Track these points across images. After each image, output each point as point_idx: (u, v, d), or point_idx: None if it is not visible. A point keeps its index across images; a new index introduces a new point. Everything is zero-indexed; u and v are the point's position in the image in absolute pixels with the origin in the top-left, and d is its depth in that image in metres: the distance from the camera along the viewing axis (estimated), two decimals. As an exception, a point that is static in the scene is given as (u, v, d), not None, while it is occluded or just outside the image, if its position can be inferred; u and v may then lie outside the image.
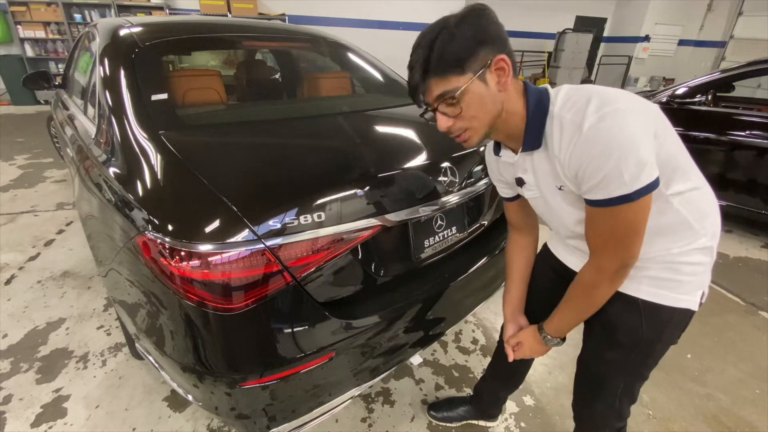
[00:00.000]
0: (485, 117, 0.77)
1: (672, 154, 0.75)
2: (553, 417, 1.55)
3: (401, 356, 1.29)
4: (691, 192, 0.79)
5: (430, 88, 0.75)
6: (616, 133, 0.66)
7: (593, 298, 0.84)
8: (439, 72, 0.72)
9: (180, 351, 1.01)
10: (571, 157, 0.72)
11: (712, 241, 0.83)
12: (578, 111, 0.70)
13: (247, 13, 7.03)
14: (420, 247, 1.25)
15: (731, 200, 2.98)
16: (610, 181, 0.68)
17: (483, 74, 0.72)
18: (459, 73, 0.72)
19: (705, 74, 3.14)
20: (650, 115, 0.72)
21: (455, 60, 0.71)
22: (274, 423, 1.08)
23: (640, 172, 0.67)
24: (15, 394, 1.55)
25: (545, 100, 0.76)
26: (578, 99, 0.72)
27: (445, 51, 0.71)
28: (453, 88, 0.73)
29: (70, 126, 1.87)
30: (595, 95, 0.70)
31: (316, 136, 1.42)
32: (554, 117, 0.75)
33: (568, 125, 0.72)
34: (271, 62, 2.72)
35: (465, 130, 0.79)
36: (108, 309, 2.03)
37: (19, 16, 6.48)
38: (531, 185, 0.88)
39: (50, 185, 3.60)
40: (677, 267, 0.82)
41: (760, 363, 1.88)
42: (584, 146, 0.69)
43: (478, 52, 0.71)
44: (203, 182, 0.97)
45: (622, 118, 0.66)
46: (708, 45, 10.37)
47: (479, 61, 0.71)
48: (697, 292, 0.85)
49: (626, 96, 0.72)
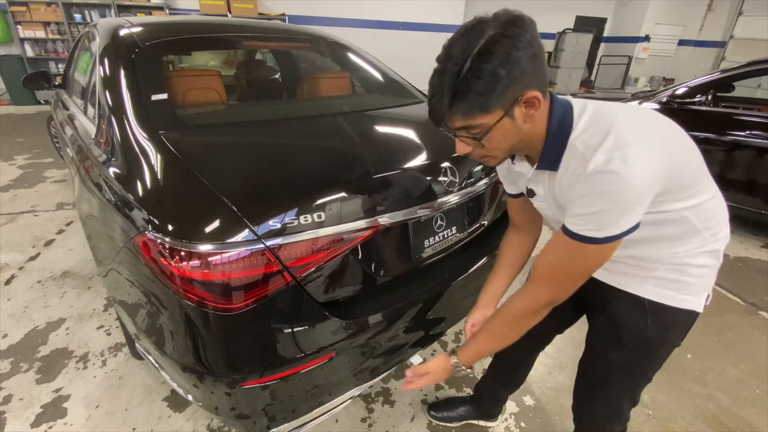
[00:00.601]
0: (506, 147, 0.75)
1: (685, 173, 0.74)
2: (553, 417, 1.55)
3: (401, 356, 1.29)
4: (705, 203, 0.79)
5: (453, 118, 0.70)
6: (615, 185, 0.64)
7: (517, 328, 0.87)
8: (462, 111, 0.67)
9: (180, 351, 1.01)
10: (566, 186, 0.73)
11: (719, 244, 0.83)
12: (590, 147, 0.68)
13: (247, 13, 7.03)
14: (420, 247, 1.25)
15: (731, 200, 2.95)
16: (588, 222, 0.69)
17: (511, 110, 0.68)
18: (484, 112, 0.67)
19: (705, 74, 3.14)
20: (663, 152, 0.68)
21: (482, 100, 0.65)
22: (274, 423, 1.08)
23: (620, 224, 0.68)
24: (15, 394, 1.55)
25: (568, 124, 0.73)
26: (596, 132, 0.68)
27: (472, 89, 0.64)
28: (477, 125, 0.69)
29: (70, 126, 1.87)
30: (613, 131, 0.66)
31: (316, 136, 1.42)
32: (570, 143, 0.72)
33: (578, 157, 0.70)
34: (271, 62, 2.72)
35: (483, 156, 0.78)
36: (108, 309, 2.03)
37: (19, 16, 6.48)
38: (541, 197, 0.87)
39: (50, 185, 3.60)
40: (684, 269, 0.82)
41: (760, 363, 1.88)
42: (582, 185, 0.68)
43: (508, 91, 0.65)
44: (203, 182, 0.97)
45: (627, 171, 0.63)
46: (708, 45, 10.38)
47: (508, 100, 0.66)
48: (702, 294, 0.86)
49: (646, 134, 0.68)
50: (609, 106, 0.73)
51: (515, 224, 1.10)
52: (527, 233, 1.08)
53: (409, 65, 6.74)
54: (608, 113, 0.71)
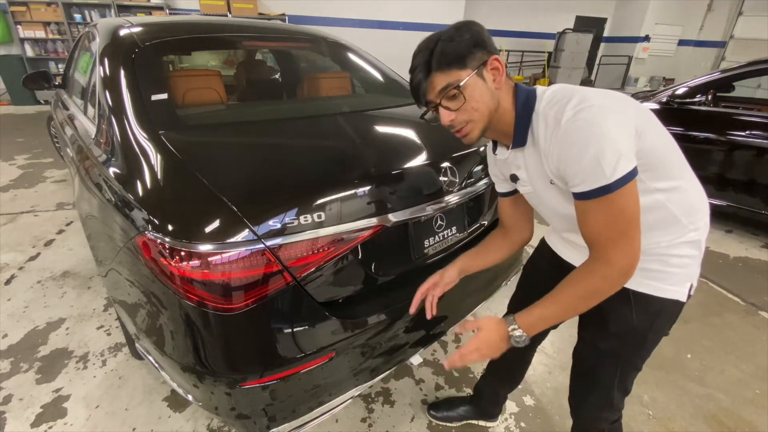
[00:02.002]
0: (485, 110, 0.81)
1: (658, 150, 0.79)
2: (553, 417, 1.55)
3: (401, 356, 1.28)
4: (679, 188, 0.82)
5: (433, 83, 0.80)
6: (591, 125, 0.70)
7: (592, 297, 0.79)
8: (442, 67, 0.78)
9: (180, 351, 1.01)
10: (552, 151, 0.77)
11: (700, 235, 0.86)
12: (560, 108, 0.75)
13: (247, 13, 7.03)
14: (420, 247, 1.25)
15: (731, 200, 2.97)
16: (589, 173, 0.71)
17: (480, 71, 0.79)
18: (460, 67, 0.78)
19: (705, 74, 3.14)
20: (630, 113, 0.75)
21: (456, 56, 0.77)
22: (274, 423, 1.08)
23: (616, 163, 0.69)
24: (15, 394, 1.55)
25: (532, 99, 0.82)
26: (561, 97, 0.76)
27: (447, 50, 0.77)
28: (455, 80, 0.78)
29: (70, 126, 1.87)
30: (577, 94, 0.74)
31: (316, 136, 1.42)
32: (539, 114, 0.79)
33: (550, 121, 0.76)
34: (271, 62, 2.72)
35: (467, 123, 0.83)
36: (108, 309, 2.03)
37: (19, 16, 6.49)
38: (525, 181, 0.91)
39: (50, 185, 3.61)
40: (666, 259, 0.85)
41: (760, 363, 1.88)
42: (562, 140, 0.74)
43: (476, 52, 0.78)
44: (203, 182, 0.97)
45: (597, 112, 0.70)
46: (708, 45, 10.38)
47: (477, 60, 0.78)
48: (685, 283, 0.88)
49: (608, 95, 0.75)
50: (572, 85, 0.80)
51: (504, 224, 1.12)
52: (515, 234, 1.10)
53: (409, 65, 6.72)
54: (571, 86, 0.79)
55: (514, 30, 9.82)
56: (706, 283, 2.52)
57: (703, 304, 2.31)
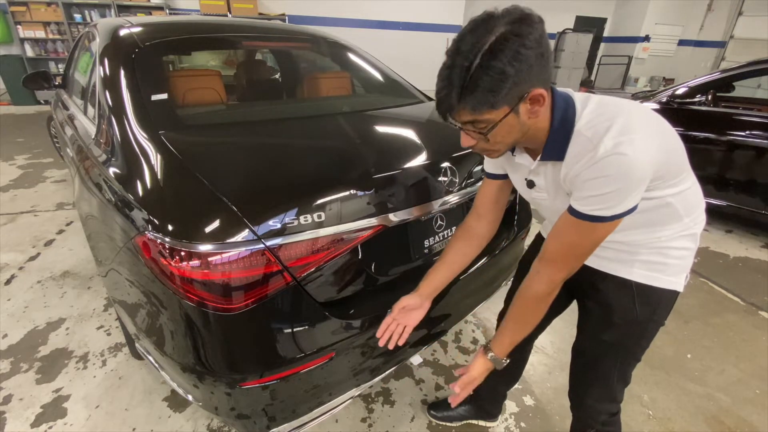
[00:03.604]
0: (510, 141, 0.77)
1: (678, 164, 0.81)
2: (553, 417, 1.55)
3: (401, 356, 1.28)
4: (687, 190, 0.86)
5: (461, 113, 0.71)
6: (623, 166, 0.69)
7: (539, 309, 0.89)
8: (472, 105, 0.68)
9: (180, 351, 1.01)
10: (578, 173, 0.74)
11: (697, 228, 0.91)
12: (597, 132, 0.71)
13: (247, 13, 7.03)
14: (420, 247, 1.25)
15: (731, 200, 2.97)
16: (597, 203, 0.73)
17: (517, 108, 0.69)
18: (492, 107, 0.68)
19: (705, 74, 3.14)
20: (661, 139, 0.76)
21: (491, 97, 0.66)
22: (274, 423, 1.08)
23: (625, 202, 0.72)
24: (15, 394, 1.55)
25: (571, 116, 0.75)
26: (603, 119, 0.72)
27: (480, 86, 0.65)
28: (483, 120, 0.70)
29: (70, 126, 1.87)
30: (618, 119, 0.70)
31: (316, 136, 1.42)
32: (575, 132, 0.75)
33: (585, 143, 0.73)
34: (271, 62, 2.72)
35: (486, 150, 0.80)
36: (108, 309, 2.03)
37: (19, 16, 6.48)
38: (541, 188, 0.90)
39: (50, 185, 3.60)
40: (666, 251, 0.89)
41: (760, 363, 1.88)
42: (591, 169, 0.71)
43: (516, 89, 0.66)
44: (203, 182, 0.97)
45: (634, 153, 0.68)
46: (708, 45, 10.38)
47: (515, 97, 0.67)
48: (681, 274, 0.92)
49: (647, 122, 0.74)
50: (611, 97, 0.79)
51: (478, 211, 1.06)
52: (486, 223, 1.05)
53: (409, 65, 6.72)
54: (611, 102, 0.76)
55: (514, 30, 9.80)
56: (706, 283, 2.52)
57: (703, 304, 2.31)
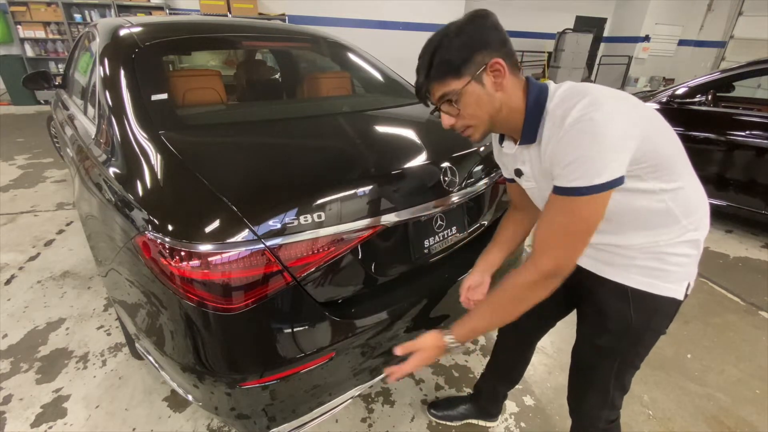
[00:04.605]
0: (484, 115, 0.82)
1: (663, 152, 0.78)
2: (553, 417, 1.55)
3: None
4: (681, 189, 0.83)
5: (431, 90, 0.82)
6: (591, 129, 0.69)
7: (519, 301, 0.84)
8: (438, 77, 0.79)
9: (180, 351, 1.01)
10: (549, 149, 0.77)
11: (699, 234, 0.87)
12: (567, 108, 0.73)
13: (247, 13, 7.03)
14: (420, 247, 1.25)
15: (731, 200, 2.97)
16: (573, 170, 0.71)
17: (479, 77, 0.78)
18: (455, 77, 0.78)
19: (705, 74, 3.14)
20: (638, 118, 0.74)
21: (451, 66, 0.77)
22: (274, 423, 1.08)
23: (604, 168, 0.69)
24: (15, 394, 1.55)
25: (543, 97, 0.80)
26: (572, 96, 0.74)
27: (444, 58, 0.78)
28: (451, 91, 0.79)
29: (70, 126, 1.87)
30: (588, 95, 0.72)
31: (316, 136, 1.42)
32: (548, 113, 0.78)
33: (556, 120, 0.75)
34: (271, 62, 2.72)
35: (467, 127, 0.85)
36: (108, 309, 2.03)
37: (19, 16, 6.48)
38: (528, 176, 0.91)
39: (50, 185, 3.60)
40: (664, 257, 0.86)
41: (760, 363, 1.88)
42: (560, 139, 0.73)
43: (474, 57, 0.76)
44: (203, 182, 0.97)
45: (602, 117, 0.69)
46: (708, 45, 10.37)
47: (475, 65, 0.77)
48: (683, 282, 0.89)
49: (618, 97, 0.74)
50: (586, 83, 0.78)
51: (515, 205, 1.14)
52: (527, 212, 1.10)
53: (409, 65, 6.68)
54: (584, 86, 0.77)
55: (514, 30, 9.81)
56: (706, 283, 2.52)
57: (703, 304, 2.31)
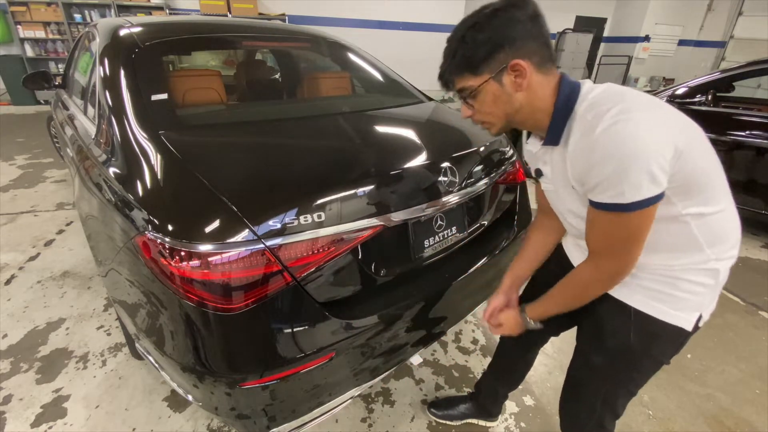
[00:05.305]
0: (500, 114, 0.81)
1: (699, 174, 0.72)
2: (553, 417, 1.55)
3: (401, 356, 1.28)
4: (711, 216, 0.76)
5: (452, 80, 0.81)
6: (623, 140, 0.65)
7: (584, 294, 0.86)
8: (457, 71, 0.78)
9: (180, 351, 1.00)
10: (577, 157, 0.73)
11: (722, 264, 0.80)
12: (598, 114, 0.69)
13: (247, 13, 7.03)
14: (420, 247, 1.25)
15: (731, 200, 2.97)
16: (608, 188, 0.68)
17: (499, 76, 0.75)
18: (473, 74, 0.76)
19: (705, 74, 3.14)
20: (675, 130, 0.69)
21: (471, 62, 0.76)
22: (274, 423, 1.08)
23: (640, 184, 0.65)
24: (15, 394, 1.55)
25: (573, 99, 0.76)
26: (605, 101, 0.70)
27: (465, 53, 0.75)
28: (468, 87, 0.78)
29: (70, 126, 1.87)
30: (623, 102, 0.68)
31: (316, 136, 1.42)
32: (577, 116, 0.74)
33: (586, 126, 0.71)
34: (271, 62, 2.72)
35: (483, 122, 0.85)
36: (108, 309, 2.03)
37: (19, 16, 6.48)
38: (548, 178, 0.88)
39: (50, 185, 3.60)
40: (675, 282, 0.81)
41: (760, 363, 1.88)
42: (590, 149, 0.69)
43: (495, 55, 0.73)
44: (203, 182, 0.97)
45: (634, 127, 0.64)
46: (708, 45, 10.37)
47: (495, 64, 0.74)
48: (693, 312, 0.83)
49: (656, 107, 0.70)
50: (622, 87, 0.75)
51: (542, 209, 1.08)
52: (556, 218, 1.02)
53: (409, 65, 6.70)
54: (620, 90, 0.73)
55: (514, 30, 9.80)
56: (706, 283, 2.51)
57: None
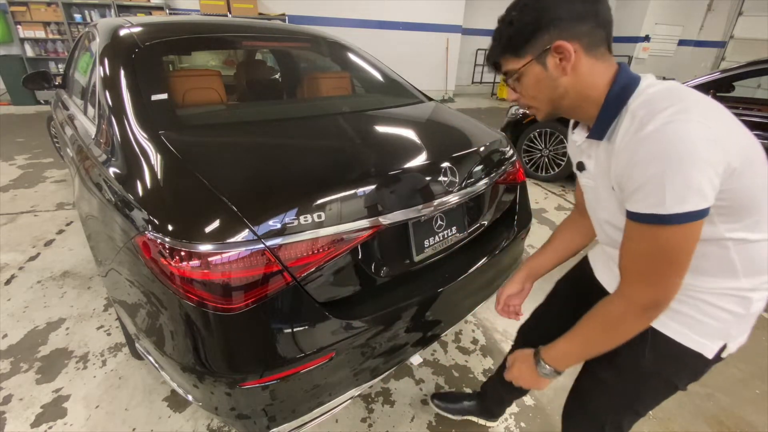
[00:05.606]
0: (543, 98, 0.77)
1: (750, 195, 0.64)
2: (553, 417, 1.55)
3: (401, 356, 1.28)
4: (756, 243, 0.69)
5: (500, 62, 0.78)
6: (674, 141, 0.58)
7: (613, 333, 0.74)
8: (502, 53, 0.77)
9: (180, 351, 1.01)
10: (622, 155, 0.66)
11: (756, 294, 0.73)
12: (652, 111, 0.62)
13: (247, 13, 7.03)
14: (420, 247, 1.25)
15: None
16: (649, 194, 0.61)
17: (542, 58, 0.72)
18: (516, 56, 0.74)
19: (705, 74, 3.14)
20: (735, 145, 0.61)
21: (514, 44, 0.73)
22: (274, 423, 1.08)
23: (684, 194, 0.58)
24: (15, 394, 1.55)
25: (628, 92, 0.69)
26: (663, 99, 0.63)
27: (509, 33, 0.74)
28: (511, 70, 0.76)
29: (70, 126, 1.87)
30: (683, 102, 0.61)
31: (316, 136, 1.42)
32: (629, 111, 0.67)
33: (636, 122, 0.64)
34: (271, 62, 2.72)
35: (529, 106, 0.82)
36: (108, 309, 2.03)
37: (19, 16, 6.47)
38: (590, 174, 0.81)
39: (50, 185, 3.60)
40: (701, 306, 0.75)
41: (760, 363, 1.88)
42: (636, 146, 0.62)
43: (539, 36, 0.70)
44: (203, 182, 0.97)
45: (690, 130, 0.58)
46: (708, 45, 10.37)
47: (539, 45, 0.71)
48: (716, 340, 0.76)
49: (718, 114, 0.63)
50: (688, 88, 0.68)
51: (578, 204, 1.03)
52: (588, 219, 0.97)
53: (409, 65, 6.71)
54: (684, 90, 0.66)
55: (514, 30, 9.80)
56: (706, 283, 2.51)
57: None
